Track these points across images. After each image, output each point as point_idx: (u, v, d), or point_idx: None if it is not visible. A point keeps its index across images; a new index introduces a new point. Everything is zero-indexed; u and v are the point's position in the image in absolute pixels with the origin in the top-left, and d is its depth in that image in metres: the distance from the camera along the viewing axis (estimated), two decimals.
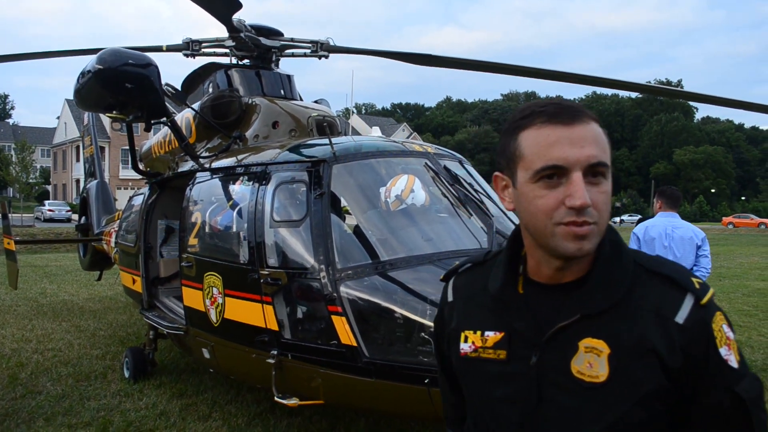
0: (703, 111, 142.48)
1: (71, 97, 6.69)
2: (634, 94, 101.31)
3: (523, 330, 1.52)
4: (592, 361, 1.42)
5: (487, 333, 1.59)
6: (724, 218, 74.61)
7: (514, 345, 1.53)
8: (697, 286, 1.44)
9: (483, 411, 1.62)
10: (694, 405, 1.43)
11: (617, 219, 72.74)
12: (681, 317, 1.41)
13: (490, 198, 5.33)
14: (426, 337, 3.98)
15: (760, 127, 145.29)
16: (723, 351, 1.41)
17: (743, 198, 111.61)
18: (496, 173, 1.59)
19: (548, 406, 1.47)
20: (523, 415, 1.50)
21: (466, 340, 1.63)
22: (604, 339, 1.42)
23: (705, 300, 1.43)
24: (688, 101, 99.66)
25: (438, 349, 1.84)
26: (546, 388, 1.47)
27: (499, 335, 1.57)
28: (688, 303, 1.42)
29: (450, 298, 1.77)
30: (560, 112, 1.42)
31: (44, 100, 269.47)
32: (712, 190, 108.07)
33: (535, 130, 1.44)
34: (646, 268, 1.49)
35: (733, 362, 1.42)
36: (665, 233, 6.40)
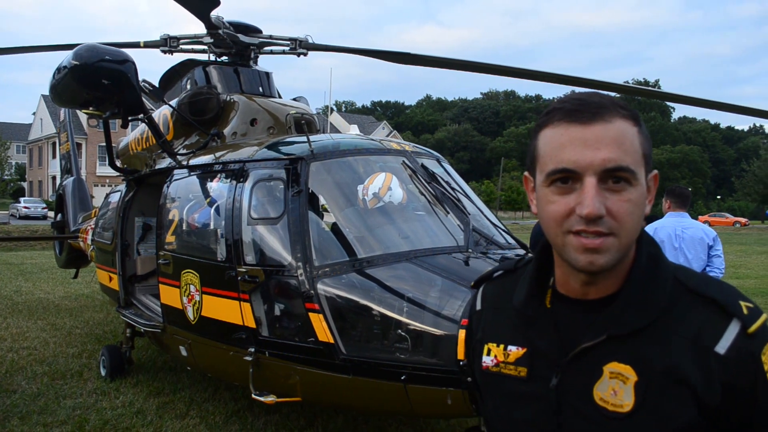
0: (680, 111, 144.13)
1: (47, 93, 6.64)
2: (612, 94, 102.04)
3: (545, 348, 1.39)
4: (617, 388, 1.28)
5: (510, 347, 1.47)
6: (699, 217, 74.97)
7: (536, 363, 1.40)
8: (746, 311, 1.26)
9: (503, 430, 1.50)
10: None
11: None
12: (723, 347, 1.24)
13: (467, 196, 5.37)
14: (402, 334, 4.00)
15: (736, 127, 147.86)
16: None
17: (719, 197, 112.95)
18: (525, 173, 1.46)
19: None
20: None
21: (489, 353, 1.51)
22: (632, 364, 1.28)
23: (754, 328, 1.24)
24: (665, 101, 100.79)
25: (469, 362, 1.69)
26: (566, 414, 1.34)
27: (521, 351, 1.44)
28: (732, 331, 1.25)
29: (478, 306, 1.64)
30: (579, 109, 1.27)
31: (20, 96, 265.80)
32: (689, 189, 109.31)
33: (552, 129, 1.31)
34: (689, 287, 1.32)
35: None
36: (675, 234, 6.19)
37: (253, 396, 4.77)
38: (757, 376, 1.23)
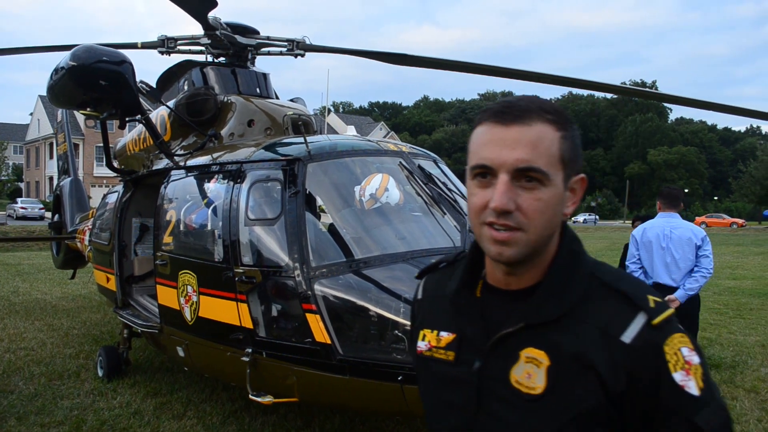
0: (677, 112, 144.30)
1: (44, 93, 6.64)
2: (609, 95, 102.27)
3: (472, 334, 1.49)
4: (531, 371, 1.37)
5: (442, 333, 1.57)
6: (696, 218, 75.50)
7: (463, 348, 1.50)
8: (652, 305, 1.36)
9: (432, 412, 1.60)
10: None
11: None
12: (628, 337, 1.33)
13: (464, 197, 5.38)
14: (399, 334, 4.02)
15: (733, 129, 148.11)
16: (678, 376, 1.30)
17: (716, 198, 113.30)
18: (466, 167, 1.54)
19: (486, 415, 1.43)
20: (464, 421, 1.47)
21: (424, 339, 1.61)
22: (546, 350, 1.37)
23: (658, 320, 1.34)
24: (662, 102, 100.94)
25: (409, 347, 1.80)
26: (485, 396, 1.43)
27: (451, 336, 1.54)
28: (638, 322, 1.34)
29: (419, 296, 1.74)
30: (504, 111, 1.37)
31: (17, 96, 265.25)
32: (686, 190, 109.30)
33: (481, 128, 1.41)
34: (603, 281, 1.42)
35: (693, 389, 1.30)
36: (663, 234, 6.29)
37: (250, 396, 4.77)
38: (660, 366, 1.31)
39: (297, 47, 7.23)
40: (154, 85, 7.68)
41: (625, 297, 1.37)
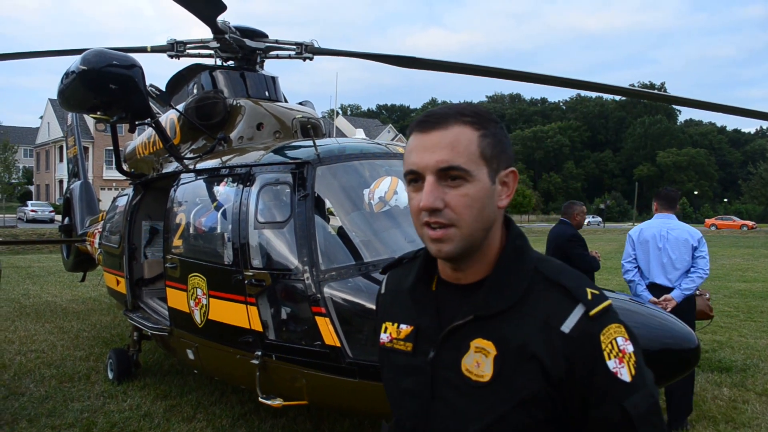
0: (686, 113, 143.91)
1: (54, 97, 6.68)
2: (618, 97, 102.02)
3: (427, 326, 1.58)
4: (480, 360, 1.47)
5: (401, 326, 1.66)
6: (706, 220, 75.36)
7: (420, 339, 1.60)
8: (590, 297, 1.46)
9: (392, 400, 1.70)
10: (585, 419, 1.44)
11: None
12: (567, 327, 1.42)
13: None
14: None
15: (742, 130, 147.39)
16: (611, 363, 1.40)
17: (725, 200, 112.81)
18: None
19: (439, 402, 1.53)
20: (420, 407, 1.57)
21: (385, 331, 1.71)
22: (493, 341, 1.46)
23: (595, 311, 1.43)
24: (670, 104, 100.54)
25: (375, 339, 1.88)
26: (439, 383, 1.53)
27: (409, 329, 1.63)
28: (576, 313, 1.43)
29: (382, 290, 1.85)
30: (424, 121, 1.50)
31: (27, 100, 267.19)
32: (695, 192, 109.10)
33: (410, 138, 1.53)
34: (546, 275, 1.51)
35: (624, 375, 1.41)
36: (659, 235, 6.30)
37: (259, 399, 4.78)
38: (595, 354, 1.41)
39: (305, 50, 7.25)
40: (164, 89, 7.72)
41: (565, 290, 1.47)
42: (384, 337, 1.71)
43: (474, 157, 1.46)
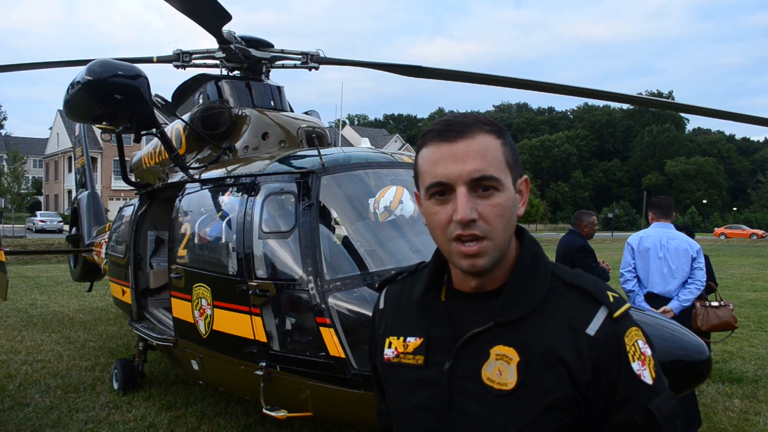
0: (694, 122, 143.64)
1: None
2: (625, 105, 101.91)
3: (440, 336, 1.53)
4: (501, 368, 1.43)
5: (408, 339, 1.61)
6: (716, 229, 74.95)
7: (432, 351, 1.54)
8: (612, 299, 1.45)
9: (402, 418, 1.62)
10: (607, 421, 1.42)
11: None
12: (592, 329, 1.41)
13: None
14: None
15: (751, 138, 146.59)
16: (635, 366, 1.41)
17: (735, 209, 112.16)
18: (415, 190, 1.59)
19: (458, 415, 1.47)
20: (436, 422, 1.51)
21: (390, 346, 1.65)
22: (515, 347, 1.43)
23: (618, 313, 1.43)
24: (678, 113, 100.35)
25: (370, 357, 1.84)
26: (457, 395, 1.48)
27: (419, 341, 1.58)
28: (600, 316, 1.43)
29: (381, 305, 1.79)
30: (446, 130, 1.45)
31: (36, 111, 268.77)
32: (704, 201, 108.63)
33: (427, 149, 1.48)
34: (564, 280, 1.50)
35: (647, 378, 1.41)
36: (660, 244, 6.27)
37: (264, 411, 4.74)
38: (620, 356, 1.40)
39: (311, 60, 7.26)
40: (170, 99, 7.73)
41: (586, 293, 1.47)
42: (389, 353, 1.64)
43: (502, 165, 1.44)
